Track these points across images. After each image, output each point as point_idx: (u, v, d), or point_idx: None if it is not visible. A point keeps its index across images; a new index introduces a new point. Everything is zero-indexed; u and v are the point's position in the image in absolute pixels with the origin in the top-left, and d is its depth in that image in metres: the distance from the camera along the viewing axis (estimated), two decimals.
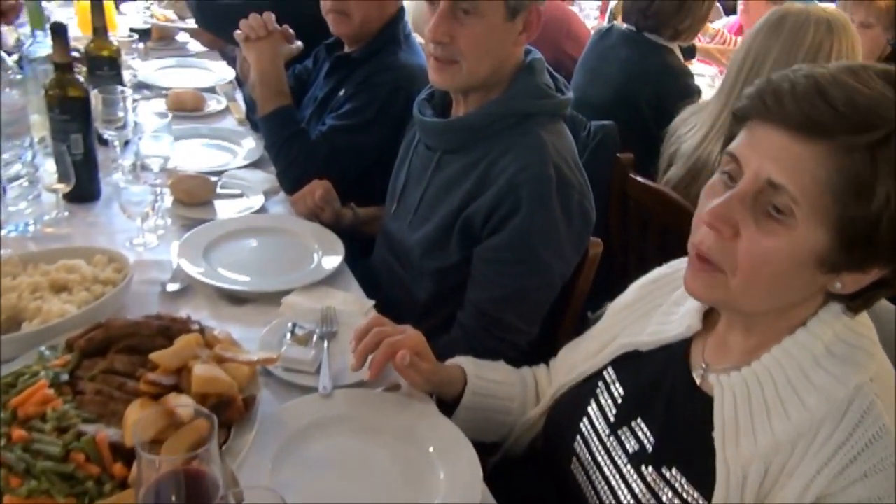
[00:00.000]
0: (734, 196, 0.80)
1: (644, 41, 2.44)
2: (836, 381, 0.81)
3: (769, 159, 0.78)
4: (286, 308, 1.33)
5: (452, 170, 1.43)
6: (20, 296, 1.16)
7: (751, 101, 0.82)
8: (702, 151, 1.88)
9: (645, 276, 1.15)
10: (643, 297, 1.11)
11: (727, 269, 0.82)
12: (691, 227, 0.89)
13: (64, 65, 1.51)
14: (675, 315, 1.02)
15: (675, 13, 2.39)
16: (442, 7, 1.31)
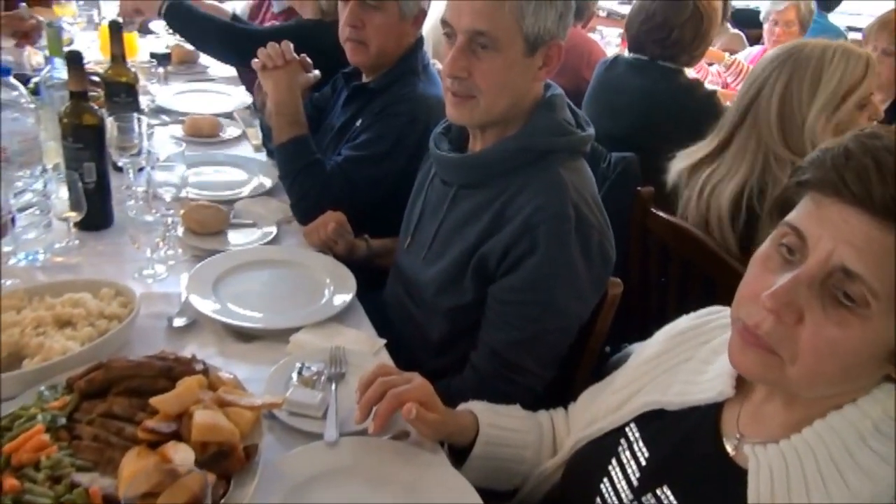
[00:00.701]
0: (800, 279, 0.74)
1: (655, 68, 2.41)
2: (882, 462, 0.75)
3: (845, 244, 0.71)
4: (294, 347, 1.29)
5: (468, 206, 1.39)
6: (23, 331, 1.14)
7: (824, 175, 0.74)
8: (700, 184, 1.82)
9: (671, 325, 1.10)
10: (669, 349, 1.05)
11: (785, 357, 0.76)
12: (737, 295, 0.82)
13: (79, 93, 1.50)
14: (705, 375, 0.96)
15: (692, 41, 2.37)
16: (459, 41, 1.28)
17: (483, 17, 1.25)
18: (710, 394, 0.94)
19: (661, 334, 1.11)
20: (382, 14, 1.75)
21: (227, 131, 2.28)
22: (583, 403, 1.22)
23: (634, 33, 2.46)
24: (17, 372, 1.07)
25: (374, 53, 1.79)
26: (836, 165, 0.74)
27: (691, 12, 2.34)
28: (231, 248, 1.59)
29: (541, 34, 1.28)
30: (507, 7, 1.24)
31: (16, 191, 1.41)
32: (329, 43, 1.96)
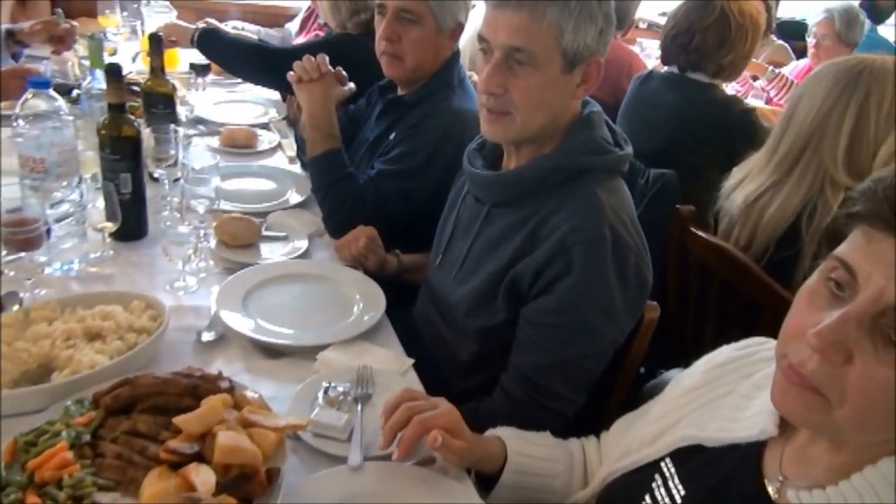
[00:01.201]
0: (849, 318, 0.69)
1: (687, 81, 2.35)
2: None
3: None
4: (322, 365, 1.28)
5: (501, 224, 1.36)
6: (53, 343, 1.14)
7: (875, 208, 0.70)
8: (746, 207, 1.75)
9: (711, 356, 1.05)
10: (709, 382, 1.00)
11: (832, 399, 0.71)
12: (782, 330, 0.77)
13: (118, 105, 1.52)
14: (747, 412, 0.91)
15: (717, 47, 2.29)
16: (496, 58, 1.25)
17: (521, 33, 1.22)
18: (751, 431, 0.89)
19: (701, 365, 1.06)
20: (419, 28, 1.73)
21: (262, 142, 2.29)
22: (616, 433, 1.18)
23: (664, 43, 2.41)
24: (45, 386, 1.07)
25: (410, 67, 1.77)
26: (887, 197, 0.70)
27: (717, 17, 2.26)
28: (262, 262, 1.58)
29: (580, 51, 1.25)
30: (546, 23, 1.21)
31: (53, 201, 1.42)
32: (362, 55, 1.96)
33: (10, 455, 0.94)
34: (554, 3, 1.21)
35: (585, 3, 1.23)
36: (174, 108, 1.93)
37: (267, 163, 2.17)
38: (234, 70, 2.53)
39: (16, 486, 0.87)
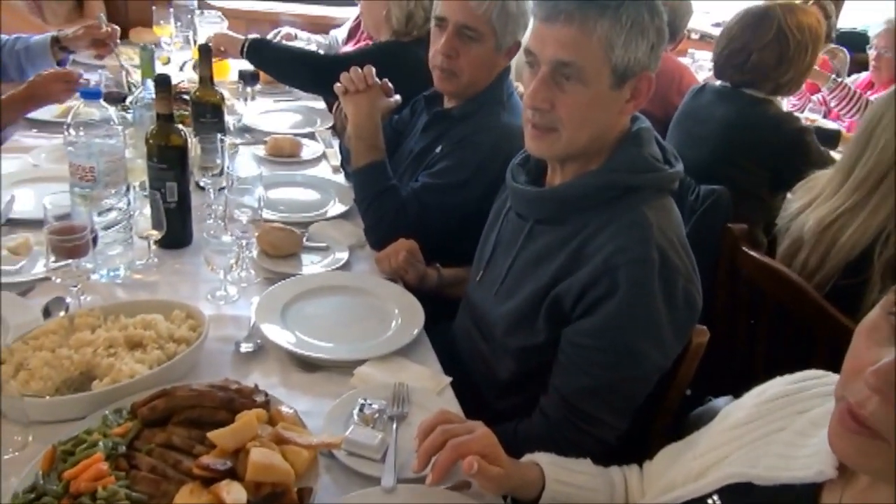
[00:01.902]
0: None
1: (741, 95, 2.27)
2: None
3: None
4: (358, 380, 1.26)
5: (544, 242, 1.32)
6: (95, 351, 1.15)
7: None
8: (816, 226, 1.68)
9: (763, 388, 0.99)
10: (761, 416, 0.95)
11: (893, 441, 0.67)
12: (843, 369, 0.73)
13: (166, 115, 1.54)
14: (802, 450, 0.86)
15: (775, 65, 2.20)
16: (543, 72, 1.22)
17: (569, 47, 1.19)
18: (807, 472, 0.83)
19: (752, 397, 1.01)
20: (479, 46, 1.71)
21: (307, 151, 2.30)
22: (660, 464, 1.13)
23: (717, 58, 2.34)
24: (85, 394, 1.08)
25: (464, 84, 1.75)
26: None
27: (774, 35, 2.18)
28: (303, 272, 1.59)
29: (630, 66, 1.21)
30: (596, 38, 1.18)
31: (101, 209, 1.44)
32: (409, 65, 1.95)
33: (48, 463, 0.94)
34: (604, 17, 1.18)
35: (637, 18, 1.20)
36: (222, 117, 1.95)
37: (311, 172, 2.18)
38: (284, 79, 2.56)
39: (51, 496, 0.88)
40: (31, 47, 2.39)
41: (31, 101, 2.13)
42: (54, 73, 2.14)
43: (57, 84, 2.12)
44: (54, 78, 2.12)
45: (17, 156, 2.03)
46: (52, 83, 2.12)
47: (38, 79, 2.13)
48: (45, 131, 2.21)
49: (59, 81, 2.12)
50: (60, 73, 2.15)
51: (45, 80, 2.12)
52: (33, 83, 2.12)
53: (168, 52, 2.93)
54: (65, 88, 2.13)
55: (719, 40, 2.32)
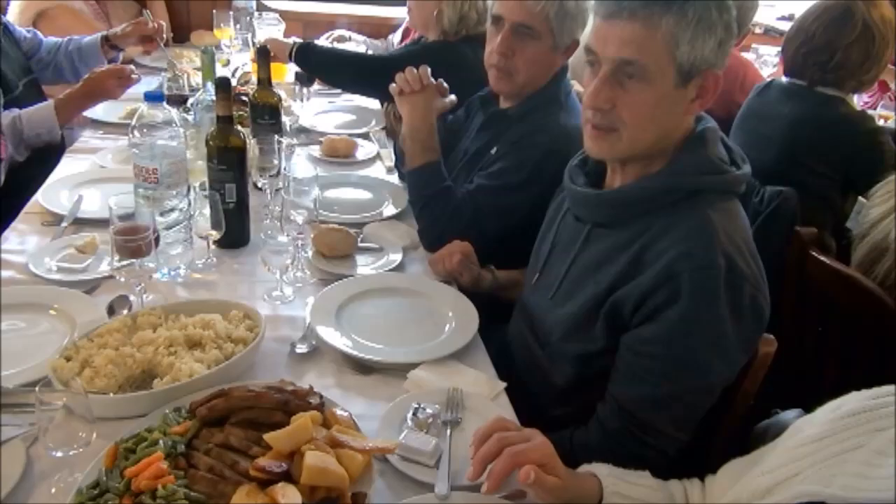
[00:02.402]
0: None
1: (812, 93, 2.16)
2: None
3: None
4: (412, 384, 1.26)
5: (603, 246, 1.29)
6: (156, 350, 1.17)
7: None
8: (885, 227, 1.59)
9: (837, 403, 0.94)
10: (836, 432, 0.89)
11: None
12: None
13: (226, 117, 1.56)
14: (880, 470, 0.80)
15: (860, 63, 2.09)
16: (604, 72, 1.19)
17: (632, 45, 1.15)
18: (886, 494, 0.78)
19: (826, 412, 0.95)
20: (536, 44, 1.69)
21: (361, 152, 2.31)
22: (724, 480, 1.08)
23: (791, 55, 2.23)
24: (146, 392, 1.11)
25: (520, 83, 1.73)
26: None
27: (860, 31, 2.07)
28: (357, 273, 1.59)
29: (696, 64, 1.17)
30: (660, 35, 1.14)
31: (163, 209, 1.48)
32: (454, 63, 1.93)
33: (111, 460, 0.96)
34: (670, 13, 1.14)
35: (705, 13, 1.15)
36: (279, 118, 1.97)
37: (365, 172, 2.19)
38: (332, 81, 2.59)
39: (114, 493, 0.90)
40: (83, 47, 2.49)
41: (88, 98, 2.22)
42: (108, 70, 2.23)
43: (111, 80, 2.20)
44: (108, 75, 2.20)
45: (85, 157, 2.10)
46: (106, 79, 2.20)
47: (92, 76, 2.21)
48: (112, 133, 2.29)
49: (113, 77, 2.20)
50: (114, 70, 2.23)
51: (99, 77, 2.20)
52: (89, 80, 2.20)
53: (227, 54, 2.99)
54: (119, 84, 2.22)
55: (793, 38, 2.22)
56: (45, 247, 1.58)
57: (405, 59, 2.24)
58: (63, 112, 2.14)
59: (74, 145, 2.21)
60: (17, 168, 2.01)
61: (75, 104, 2.20)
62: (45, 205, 1.76)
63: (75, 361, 1.14)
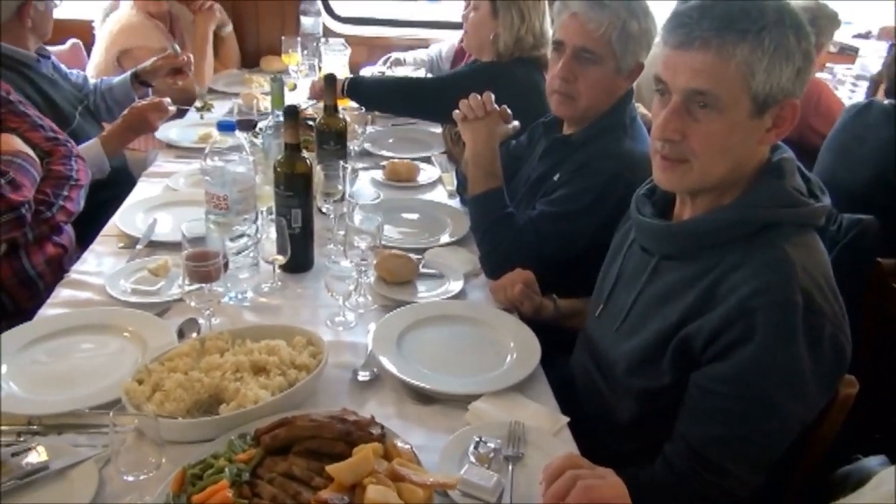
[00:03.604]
0: None
1: None
2: None
3: None
4: (473, 416, 1.24)
5: (671, 279, 1.25)
6: (223, 375, 1.20)
7: None
8: None
9: None
10: None
11: None
12: None
13: (293, 145, 1.60)
14: None
15: None
16: (675, 102, 1.16)
17: (704, 75, 1.12)
18: None
19: None
20: (598, 68, 1.67)
21: (423, 176, 2.32)
22: None
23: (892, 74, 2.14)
24: (214, 418, 1.13)
25: (582, 108, 1.71)
26: None
27: None
28: (418, 300, 1.59)
29: (772, 93, 1.13)
30: (734, 65, 1.10)
31: (233, 235, 1.51)
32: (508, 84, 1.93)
33: (179, 485, 0.98)
34: (745, 42, 1.10)
35: (782, 41, 1.11)
36: (345, 144, 2.00)
37: (427, 197, 2.20)
38: (387, 109, 2.64)
39: None
40: (115, 87, 2.62)
41: (130, 131, 2.35)
42: (148, 105, 2.36)
43: (152, 113, 2.33)
44: (148, 109, 2.34)
45: (159, 180, 2.18)
46: (146, 113, 2.33)
47: (133, 110, 2.35)
48: (184, 157, 2.37)
49: (153, 111, 2.34)
50: (153, 104, 2.36)
51: (140, 111, 2.33)
52: (130, 115, 2.33)
53: (295, 78, 3.07)
54: (158, 117, 2.35)
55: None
56: (120, 269, 1.64)
57: (456, 80, 2.25)
58: (109, 147, 2.27)
59: (149, 169, 2.30)
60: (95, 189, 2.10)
61: (118, 138, 2.33)
62: (122, 227, 1.83)
63: (147, 385, 1.17)
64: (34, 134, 1.93)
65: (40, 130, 1.95)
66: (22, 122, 1.93)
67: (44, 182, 1.86)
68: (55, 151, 1.95)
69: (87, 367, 1.33)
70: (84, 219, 1.99)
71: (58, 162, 1.93)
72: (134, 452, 1.00)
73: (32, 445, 1.07)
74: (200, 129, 2.51)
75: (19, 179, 1.74)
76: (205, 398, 1.18)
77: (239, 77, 3.18)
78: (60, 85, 2.42)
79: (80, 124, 2.38)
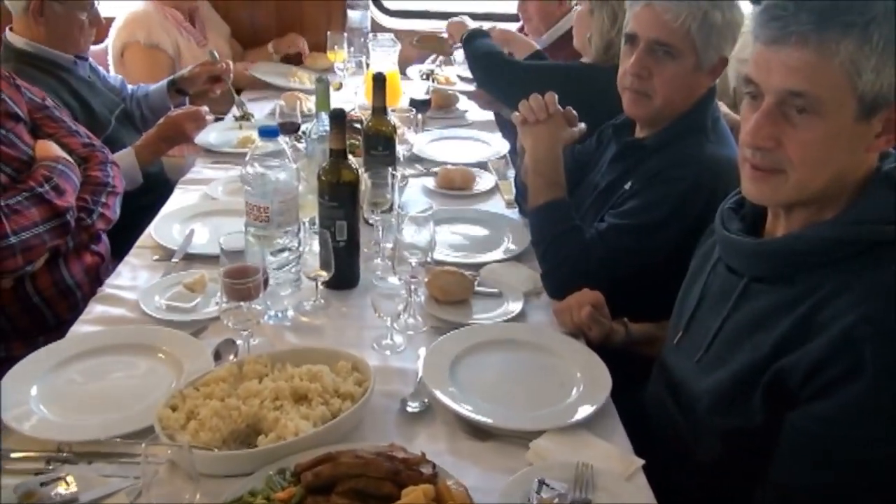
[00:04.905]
0: None
1: None
2: None
3: None
4: (534, 456, 1.22)
5: (763, 304, 1.21)
6: (262, 403, 1.21)
7: None
8: None
9: None
10: None
11: None
12: None
13: (339, 151, 1.61)
14: None
15: None
16: (767, 104, 1.12)
17: (802, 74, 1.07)
18: None
19: None
20: (676, 64, 1.63)
21: (479, 183, 2.31)
22: None
23: None
24: (251, 451, 1.14)
25: (657, 107, 1.68)
26: None
27: None
28: (473, 322, 1.58)
29: (882, 94, 1.07)
30: (837, 63, 1.05)
31: (274, 249, 1.53)
32: (600, 89, 1.90)
33: None
34: (849, 37, 1.05)
35: (893, 34, 1.06)
36: (394, 149, 2.01)
37: (483, 207, 2.18)
38: (475, 70, 2.62)
39: None
40: (151, 95, 2.70)
41: (165, 142, 2.44)
42: (185, 114, 2.43)
43: (188, 123, 2.41)
44: (185, 118, 2.41)
45: (196, 188, 2.23)
46: (183, 122, 2.41)
47: (169, 120, 2.42)
48: (223, 163, 2.42)
49: (190, 121, 2.42)
50: (190, 113, 2.44)
51: (177, 120, 2.41)
52: (166, 124, 2.41)
53: (341, 77, 3.10)
54: (196, 127, 2.43)
55: None
56: (155, 283, 1.68)
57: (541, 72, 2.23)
58: (142, 158, 2.35)
59: (186, 176, 2.35)
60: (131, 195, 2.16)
61: (152, 149, 2.41)
62: (158, 239, 1.88)
63: (181, 412, 1.19)
64: (71, 140, 2.01)
65: (76, 136, 2.03)
66: (59, 127, 2.01)
67: (82, 189, 1.93)
68: (92, 157, 2.02)
69: (119, 389, 1.36)
70: (118, 226, 2.05)
71: (95, 168, 2.00)
72: (167, 486, 1.01)
73: (62, 475, 1.10)
74: (241, 133, 2.56)
75: (63, 185, 1.82)
76: (242, 428, 1.18)
77: (277, 66, 3.25)
78: (98, 88, 2.51)
79: (116, 130, 2.47)
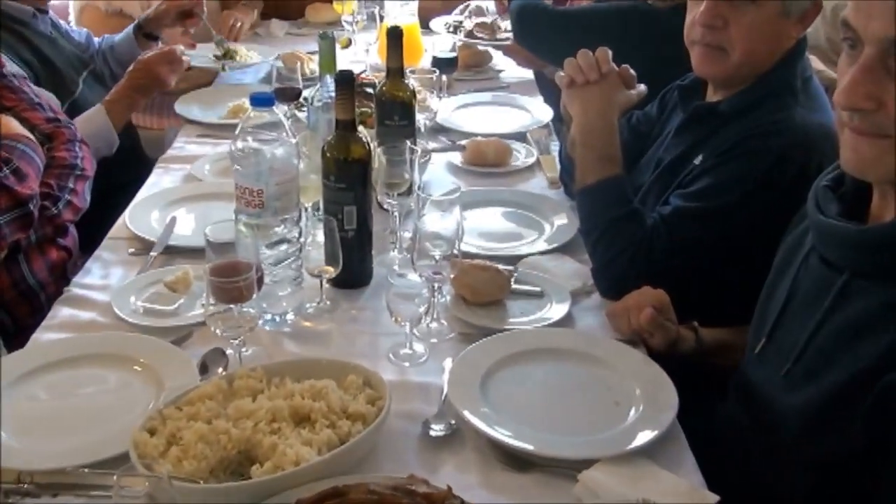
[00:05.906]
0: None
1: None
2: None
3: None
4: (584, 490, 1.21)
5: (867, 305, 1.19)
6: (256, 425, 1.21)
7: None
8: None
9: None
10: None
11: None
12: None
13: (347, 122, 1.60)
14: None
15: None
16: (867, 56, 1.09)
17: None
18: None
19: None
20: (757, 11, 1.61)
21: (517, 159, 2.30)
22: None
23: None
24: (243, 483, 1.14)
25: (735, 63, 1.66)
26: None
27: None
28: (510, 328, 1.58)
29: None
30: None
31: (270, 240, 1.53)
32: (665, 40, 1.88)
33: None
34: None
35: None
36: (412, 119, 2.00)
37: (521, 187, 2.18)
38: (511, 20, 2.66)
39: None
40: (116, 46, 2.72)
41: (138, 92, 2.43)
42: (156, 55, 2.43)
43: (162, 66, 2.40)
44: (157, 61, 2.41)
45: (179, 167, 2.25)
46: (155, 66, 2.40)
47: (139, 65, 2.42)
48: (210, 136, 2.43)
49: (163, 63, 2.41)
50: (164, 53, 2.43)
51: (147, 65, 2.40)
52: (136, 70, 2.41)
53: (349, 32, 3.10)
54: (171, 70, 2.42)
55: None
56: (130, 282, 1.69)
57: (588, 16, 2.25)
58: (115, 114, 2.36)
59: (167, 153, 2.37)
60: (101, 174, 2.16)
61: (126, 102, 2.41)
62: (133, 229, 1.89)
63: (161, 436, 1.20)
64: (33, 114, 2.02)
65: (39, 110, 2.04)
66: (18, 100, 2.02)
67: (46, 172, 1.94)
68: (57, 135, 2.04)
69: (89, 408, 1.37)
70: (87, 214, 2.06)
71: (61, 147, 2.02)
72: None
73: None
74: (230, 101, 2.56)
75: (24, 169, 1.82)
76: (233, 455, 1.19)
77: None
78: (61, 45, 2.54)
79: (83, 93, 2.50)
